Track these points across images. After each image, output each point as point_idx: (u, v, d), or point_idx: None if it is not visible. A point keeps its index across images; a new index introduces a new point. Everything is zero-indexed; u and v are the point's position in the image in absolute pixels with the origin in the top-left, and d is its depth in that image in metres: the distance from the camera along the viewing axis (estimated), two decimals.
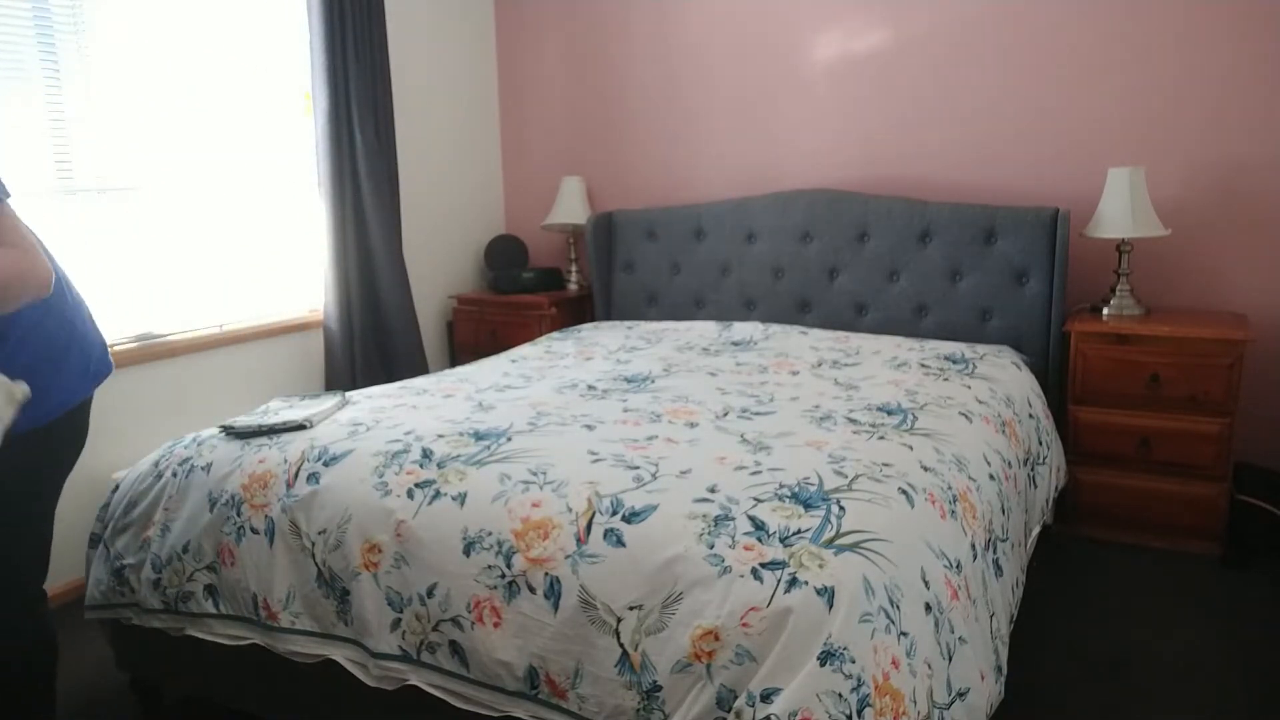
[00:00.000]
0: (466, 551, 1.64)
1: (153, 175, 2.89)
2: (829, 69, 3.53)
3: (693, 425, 2.11)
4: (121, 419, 2.35)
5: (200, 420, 2.95)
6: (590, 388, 2.51)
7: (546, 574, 1.54)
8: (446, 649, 1.63)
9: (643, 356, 2.97)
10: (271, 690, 1.93)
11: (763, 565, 1.44)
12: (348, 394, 2.43)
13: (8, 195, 1.49)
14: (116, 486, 2.13)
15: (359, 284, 3.44)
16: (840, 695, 1.29)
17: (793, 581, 1.40)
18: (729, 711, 1.35)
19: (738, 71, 3.70)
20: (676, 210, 3.72)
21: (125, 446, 2.73)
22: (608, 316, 3.89)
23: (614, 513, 1.60)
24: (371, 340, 3.51)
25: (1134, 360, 2.85)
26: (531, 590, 1.55)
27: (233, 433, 2.10)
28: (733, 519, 1.56)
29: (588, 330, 3.50)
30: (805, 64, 3.57)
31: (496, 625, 1.57)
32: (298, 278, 3.45)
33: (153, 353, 2.86)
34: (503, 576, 1.58)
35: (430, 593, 1.65)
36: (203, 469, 2.01)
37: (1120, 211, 2.89)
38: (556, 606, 1.52)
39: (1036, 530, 2.46)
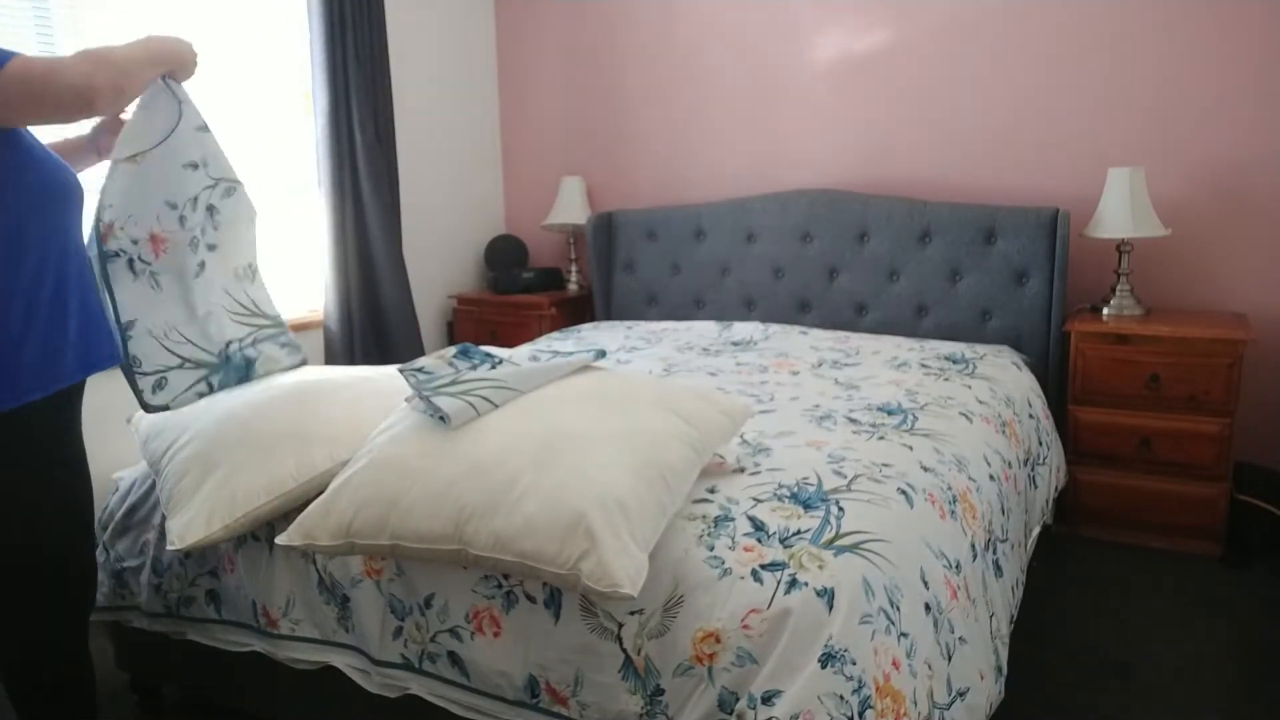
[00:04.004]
0: None
1: None
2: (829, 69, 3.53)
3: None
4: (121, 419, 2.35)
5: None
6: None
7: (545, 583, 1.53)
8: (446, 659, 1.63)
9: (643, 357, 2.97)
10: (272, 692, 1.94)
11: (762, 566, 1.44)
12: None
13: (12, 54, 1.44)
14: (116, 488, 2.13)
15: (359, 284, 3.44)
16: (841, 697, 1.29)
17: (792, 583, 1.40)
18: (731, 714, 1.35)
19: (738, 71, 3.70)
20: (676, 210, 3.72)
21: (125, 447, 2.73)
22: (608, 316, 3.89)
23: None
24: (371, 340, 3.51)
25: (1134, 360, 2.85)
26: (531, 600, 1.54)
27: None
28: (732, 519, 1.56)
29: (588, 330, 3.50)
30: (805, 64, 3.57)
31: (496, 635, 1.57)
32: (298, 278, 3.45)
33: None
34: (499, 586, 1.58)
35: (428, 603, 1.64)
36: None
37: (1120, 211, 2.89)
38: (557, 615, 1.52)
39: (1036, 530, 2.46)
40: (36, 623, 1.69)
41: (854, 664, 1.32)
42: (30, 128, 1.56)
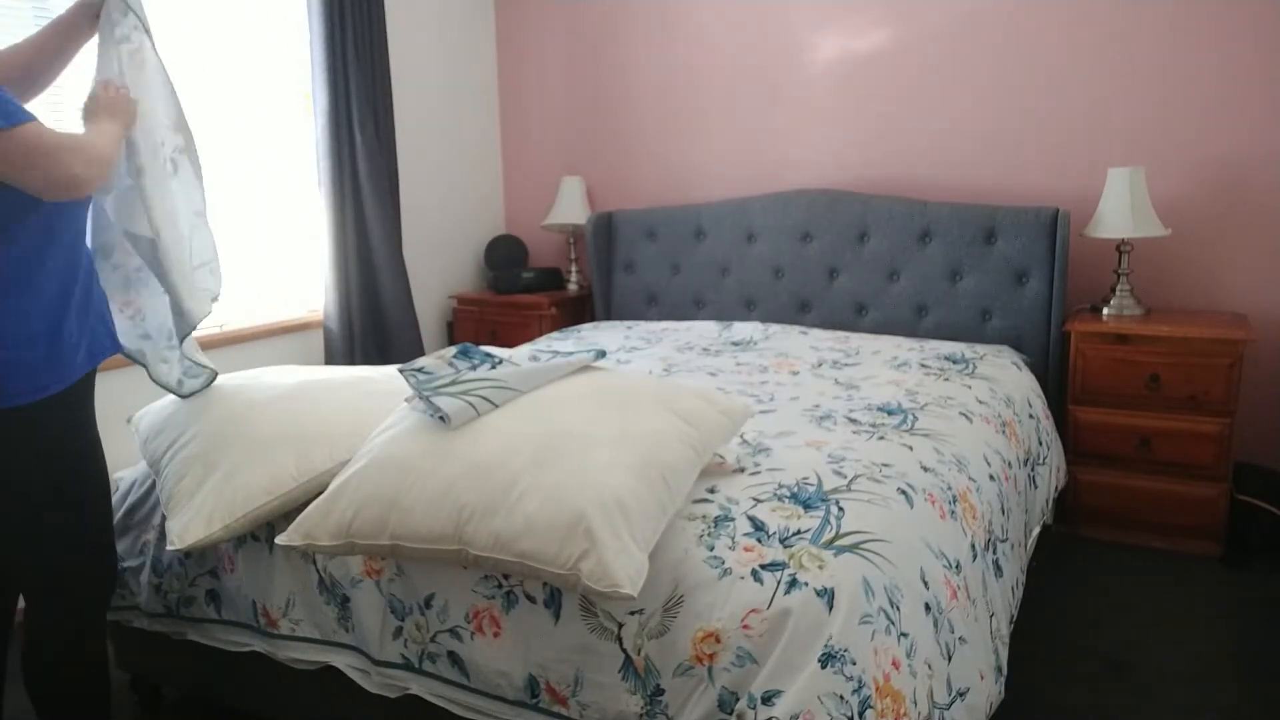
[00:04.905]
0: None
1: None
2: (829, 69, 3.53)
3: None
4: (121, 419, 2.36)
5: None
6: None
7: (545, 583, 1.53)
8: (446, 659, 1.63)
9: (643, 357, 2.97)
10: (272, 692, 1.94)
11: (762, 567, 1.44)
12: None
13: (29, 118, 1.48)
14: (117, 488, 2.13)
15: (359, 284, 3.44)
16: (841, 697, 1.29)
17: (792, 583, 1.40)
18: (731, 714, 1.35)
19: (738, 71, 3.70)
20: (676, 210, 3.72)
21: (125, 447, 2.73)
22: (608, 316, 3.89)
23: None
24: (371, 340, 3.51)
25: (1134, 360, 2.85)
26: (531, 600, 1.54)
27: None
28: (732, 519, 1.56)
29: (588, 330, 3.50)
30: (805, 64, 3.57)
31: (496, 635, 1.57)
32: (298, 278, 3.45)
33: None
34: (499, 586, 1.58)
35: (428, 603, 1.64)
36: None
37: (1120, 211, 2.89)
38: (557, 615, 1.52)
39: (1036, 530, 2.46)
40: (64, 616, 1.73)
41: (854, 664, 1.32)
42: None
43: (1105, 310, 3.01)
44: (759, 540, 1.50)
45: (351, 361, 3.43)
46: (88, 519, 1.74)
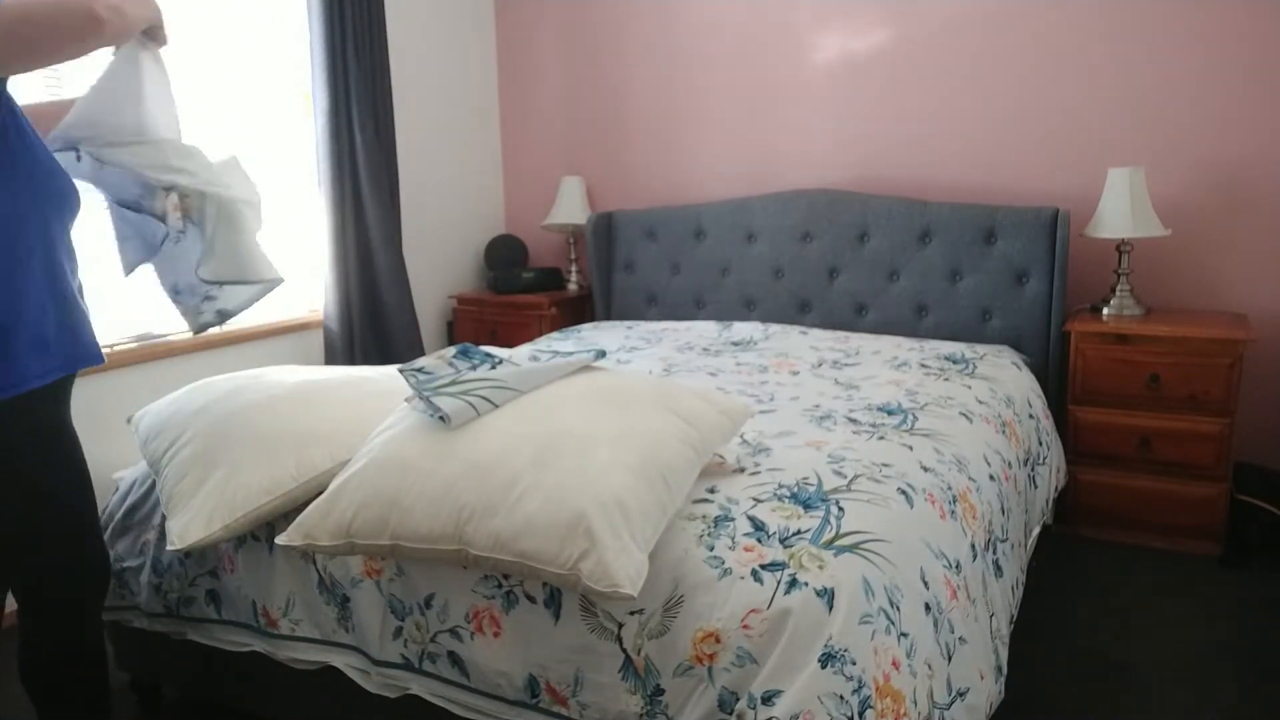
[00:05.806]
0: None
1: None
2: (829, 69, 3.53)
3: None
4: (121, 419, 2.37)
5: None
6: None
7: (545, 583, 1.53)
8: (446, 659, 1.63)
9: (643, 357, 2.97)
10: (272, 692, 1.94)
11: (762, 567, 1.44)
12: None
13: None
14: (116, 488, 2.14)
15: (359, 284, 3.44)
16: (841, 697, 1.29)
17: (792, 583, 1.40)
18: (731, 714, 1.35)
19: (738, 71, 3.70)
20: (676, 210, 3.72)
21: (125, 447, 2.73)
22: (608, 316, 3.89)
23: None
24: (371, 340, 3.51)
25: (1134, 360, 2.85)
26: (531, 600, 1.54)
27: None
28: (732, 519, 1.56)
29: (588, 330, 3.50)
30: (805, 64, 3.57)
31: (496, 635, 1.57)
32: (298, 278, 3.45)
33: (152, 353, 2.86)
34: (499, 586, 1.58)
35: (429, 603, 1.64)
36: None
37: (1120, 211, 2.89)
38: (557, 615, 1.52)
39: (1036, 530, 2.46)
40: (56, 615, 1.72)
41: (854, 664, 1.32)
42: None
43: (1105, 310, 3.01)
44: (759, 540, 1.50)
45: (351, 361, 3.43)
46: (79, 515, 1.73)
